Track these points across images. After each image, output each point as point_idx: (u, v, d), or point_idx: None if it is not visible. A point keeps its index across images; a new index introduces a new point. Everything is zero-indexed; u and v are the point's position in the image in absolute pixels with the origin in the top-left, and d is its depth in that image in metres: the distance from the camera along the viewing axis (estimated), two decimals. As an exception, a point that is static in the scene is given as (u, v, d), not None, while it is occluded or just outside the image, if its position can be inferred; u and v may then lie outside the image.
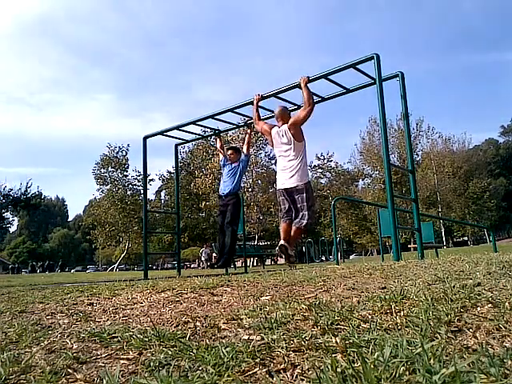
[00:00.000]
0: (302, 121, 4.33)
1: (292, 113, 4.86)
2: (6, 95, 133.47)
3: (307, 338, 0.99)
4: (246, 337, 1.09)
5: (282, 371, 0.82)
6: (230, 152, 5.73)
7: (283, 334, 1.05)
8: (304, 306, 1.32)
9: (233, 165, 5.62)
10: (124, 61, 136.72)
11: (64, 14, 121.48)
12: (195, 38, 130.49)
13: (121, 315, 1.58)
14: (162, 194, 39.44)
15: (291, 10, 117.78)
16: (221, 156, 5.96)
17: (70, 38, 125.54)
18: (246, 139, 5.81)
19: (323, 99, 5.25)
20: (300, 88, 4.51)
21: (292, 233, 4.31)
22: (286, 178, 4.34)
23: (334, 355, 0.86)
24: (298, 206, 4.29)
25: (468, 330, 0.97)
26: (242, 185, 29.89)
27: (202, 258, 21.27)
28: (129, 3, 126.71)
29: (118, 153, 31.30)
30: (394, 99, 4.88)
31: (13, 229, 66.91)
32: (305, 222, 4.23)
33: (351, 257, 32.58)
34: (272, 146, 4.60)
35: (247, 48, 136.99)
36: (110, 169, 31.14)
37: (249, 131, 5.92)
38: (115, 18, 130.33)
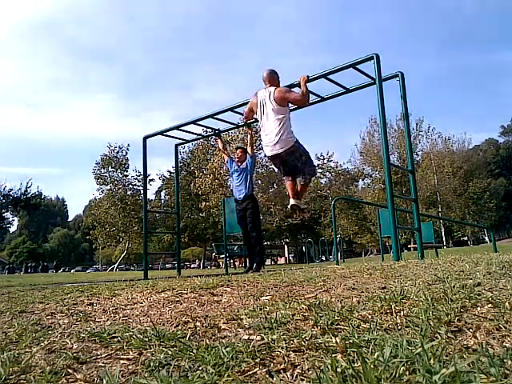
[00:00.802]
0: (289, 99, 4.30)
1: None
2: (6, 95, 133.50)
3: (307, 338, 0.99)
4: (246, 337, 1.09)
5: (282, 371, 0.82)
6: (238, 151, 5.75)
7: (283, 334, 1.05)
8: (304, 306, 1.32)
9: (241, 167, 5.63)
10: (124, 61, 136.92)
11: (65, 14, 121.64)
12: (195, 38, 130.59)
13: (121, 315, 1.58)
14: (162, 194, 39.41)
15: (291, 10, 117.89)
16: (225, 158, 5.96)
17: (70, 38, 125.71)
18: (249, 141, 5.80)
19: (323, 99, 5.24)
20: (299, 87, 4.50)
21: (299, 189, 4.43)
22: (272, 144, 4.28)
23: (334, 355, 0.86)
24: (294, 165, 4.33)
25: (468, 330, 0.97)
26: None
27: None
28: (129, 4, 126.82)
29: (118, 153, 31.31)
30: (394, 99, 4.88)
31: (13, 229, 66.93)
32: (306, 176, 4.36)
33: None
34: (256, 112, 4.49)
35: (247, 48, 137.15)
36: (110, 169, 31.13)
37: (250, 131, 5.92)
38: (115, 19, 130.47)
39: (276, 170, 4.60)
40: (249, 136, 5.91)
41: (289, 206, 4.54)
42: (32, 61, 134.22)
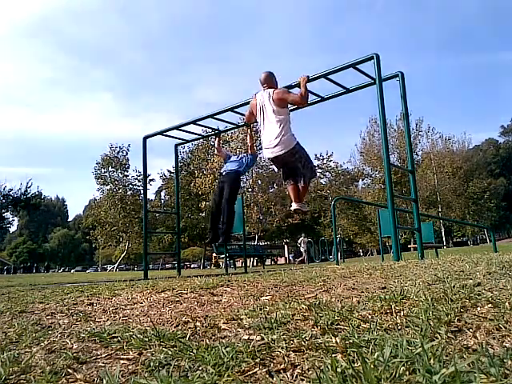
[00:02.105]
0: (287, 99, 4.29)
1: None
2: (6, 95, 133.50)
3: (307, 338, 0.99)
4: (246, 337, 1.09)
5: (282, 371, 0.82)
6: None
7: (283, 334, 1.05)
8: (304, 306, 1.32)
9: (240, 156, 5.67)
10: (124, 61, 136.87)
11: (64, 14, 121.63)
12: (195, 38, 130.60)
13: (121, 315, 1.58)
14: (162, 194, 39.40)
15: (291, 10, 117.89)
16: (223, 159, 5.99)
17: (70, 38, 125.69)
18: (249, 142, 5.79)
19: (323, 99, 5.24)
20: (299, 87, 4.50)
21: (300, 191, 4.48)
22: (272, 146, 4.27)
23: (334, 355, 0.86)
24: (294, 166, 4.34)
25: (468, 330, 0.97)
26: (243, 185, 29.92)
27: (302, 249, 19.55)
28: (129, 3, 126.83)
29: (118, 153, 31.31)
30: (394, 99, 4.88)
31: (13, 229, 66.96)
32: (307, 178, 4.39)
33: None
34: (255, 114, 4.50)
35: (247, 48, 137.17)
36: (110, 169, 31.14)
37: (250, 132, 5.92)
38: (116, 19, 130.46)
39: (276, 170, 4.60)
40: (248, 137, 5.91)
41: (292, 209, 4.61)
42: (32, 61, 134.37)
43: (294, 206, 4.48)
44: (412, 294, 1.35)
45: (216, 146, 6.26)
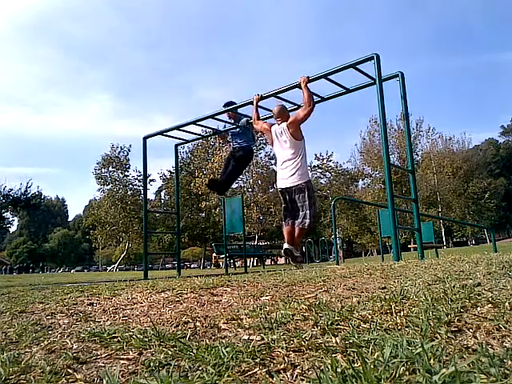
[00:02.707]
0: (301, 120, 4.32)
1: (292, 112, 4.85)
2: (5, 95, 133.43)
3: (307, 338, 0.99)
4: (246, 337, 1.09)
5: (282, 371, 0.82)
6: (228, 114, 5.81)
7: (283, 334, 1.05)
8: (304, 306, 1.32)
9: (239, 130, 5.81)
10: (124, 61, 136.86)
11: (63, 14, 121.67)
12: (196, 38, 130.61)
13: (121, 315, 1.58)
14: (162, 193, 39.41)
15: (291, 10, 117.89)
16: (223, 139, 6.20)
17: (69, 38, 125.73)
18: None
19: (323, 99, 5.24)
20: (300, 88, 4.50)
21: (295, 234, 4.31)
22: (285, 177, 4.34)
23: (334, 355, 0.86)
24: (299, 205, 4.28)
25: (468, 330, 0.97)
26: (243, 185, 29.91)
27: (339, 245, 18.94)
28: (129, 3, 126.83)
29: (119, 153, 31.32)
30: (394, 99, 4.88)
31: (13, 229, 66.94)
32: (307, 221, 4.22)
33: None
34: (272, 144, 4.59)
35: (247, 48, 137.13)
36: (110, 169, 31.15)
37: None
38: (116, 19, 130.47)
39: (282, 203, 4.51)
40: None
41: (282, 250, 4.44)
42: (32, 60, 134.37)
43: (286, 245, 4.33)
44: (412, 293, 1.35)
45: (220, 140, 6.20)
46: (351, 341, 0.93)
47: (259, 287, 1.94)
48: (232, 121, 5.84)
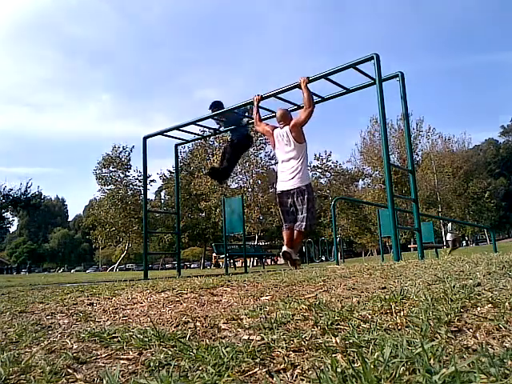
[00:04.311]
0: (303, 122, 4.32)
1: (293, 113, 4.85)
2: (5, 95, 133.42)
3: (307, 338, 0.99)
4: (246, 337, 1.09)
5: (282, 371, 0.82)
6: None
7: (283, 334, 1.05)
8: (304, 306, 1.32)
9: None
10: (124, 61, 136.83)
11: (64, 14, 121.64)
12: (196, 38, 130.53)
13: (121, 315, 1.58)
14: (162, 193, 39.42)
15: (291, 10, 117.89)
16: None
17: (70, 38, 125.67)
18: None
19: (323, 99, 5.25)
20: (300, 88, 4.50)
21: (294, 237, 4.29)
22: (286, 180, 4.33)
23: (334, 355, 0.86)
24: (298, 208, 4.27)
25: (468, 330, 0.97)
26: (243, 185, 29.91)
27: (449, 238, 18.20)
28: (129, 3, 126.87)
29: (120, 153, 31.29)
30: (394, 99, 4.88)
31: (13, 229, 67.11)
32: (305, 224, 4.20)
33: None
34: (273, 147, 4.59)
35: (247, 49, 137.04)
36: (111, 168, 31.13)
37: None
38: (116, 19, 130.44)
39: (280, 209, 4.49)
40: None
41: (281, 252, 4.40)
42: (32, 60, 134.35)
43: (285, 248, 4.31)
44: (412, 294, 1.35)
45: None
46: (351, 341, 0.93)
47: (259, 287, 1.94)
48: (222, 122, 6.04)
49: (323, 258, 19.11)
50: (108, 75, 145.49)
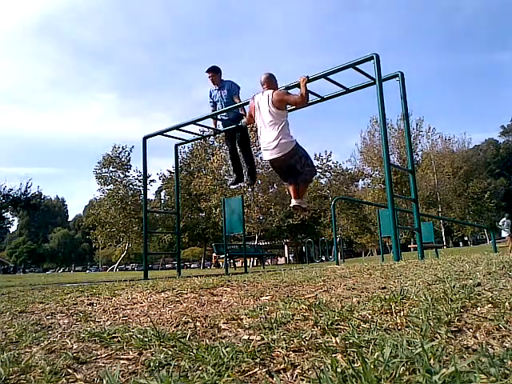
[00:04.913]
0: (289, 100, 4.30)
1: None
2: (6, 95, 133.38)
3: (307, 338, 0.99)
4: (246, 337, 1.09)
5: (282, 371, 0.82)
6: (208, 74, 5.69)
7: (283, 334, 1.05)
8: (304, 306, 1.32)
9: (221, 91, 5.64)
10: (125, 61, 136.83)
11: (65, 13, 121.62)
12: (196, 38, 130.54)
13: (121, 315, 1.58)
14: (162, 194, 39.41)
15: (291, 10, 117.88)
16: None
17: (70, 38, 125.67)
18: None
19: (323, 99, 5.24)
20: (299, 88, 4.50)
21: (299, 189, 4.52)
22: (270, 148, 4.27)
23: (334, 355, 0.86)
24: (294, 168, 4.35)
25: (468, 330, 0.97)
26: (243, 185, 29.90)
27: (505, 228, 17.39)
28: (130, 3, 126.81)
29: (120, 153, 31.28)
30: (394, 99, 4.88)
31: (13, 229, 67.07)
32: (306, 177, 4.44)
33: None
34: (254, 118, 4.50)
35: (247, 48, 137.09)
36: (111, 168, 31.12)
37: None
38: (116, 18, 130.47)
39: (275, 172, 4.62)
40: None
41: (291, 206, 4.63)
42: (32, 60, 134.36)
43: (294, 202, 4.53)
44: (412, 294, 1.35)
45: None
46: (351, 341, 0.93)
47: (259, 287, 1.94)
48: (216, 86, 5.74)
49: (323, 258, 19.12)
50: (108, 75, 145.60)
